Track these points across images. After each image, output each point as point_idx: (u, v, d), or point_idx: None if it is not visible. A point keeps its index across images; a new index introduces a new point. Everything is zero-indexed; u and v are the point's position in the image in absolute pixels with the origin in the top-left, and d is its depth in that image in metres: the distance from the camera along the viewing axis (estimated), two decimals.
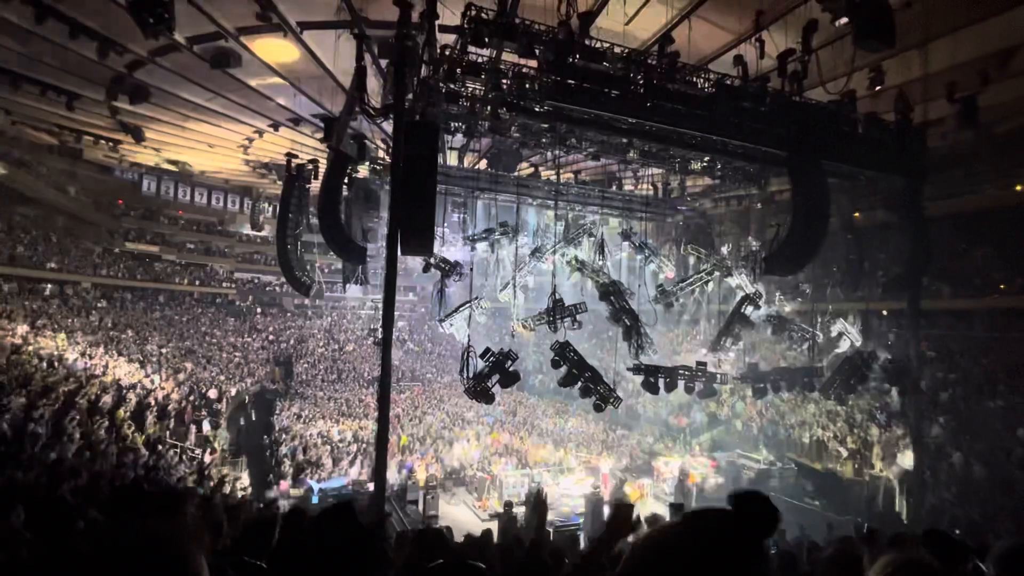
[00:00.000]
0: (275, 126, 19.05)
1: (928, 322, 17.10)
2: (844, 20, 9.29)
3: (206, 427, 18.31)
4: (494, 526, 11.75)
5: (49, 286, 25.57)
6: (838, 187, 13.75)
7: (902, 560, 1.50)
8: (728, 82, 11.65)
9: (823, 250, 12.58)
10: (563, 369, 13.79)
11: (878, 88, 12.39)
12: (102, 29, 12.21)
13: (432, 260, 15.04)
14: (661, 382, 14.53)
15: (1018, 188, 19.08)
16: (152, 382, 19.48)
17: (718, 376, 15.22)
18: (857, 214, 16.24)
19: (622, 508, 1.77)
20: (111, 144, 22.37)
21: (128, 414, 15.37)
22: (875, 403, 17.64)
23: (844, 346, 16.15)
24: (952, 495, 13.96)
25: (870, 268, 17.27)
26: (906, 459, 14.75)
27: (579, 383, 13.66)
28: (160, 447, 14.55)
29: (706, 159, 14.23)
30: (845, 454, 17.05)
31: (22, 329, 19.03)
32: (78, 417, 13.18)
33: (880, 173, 13.66)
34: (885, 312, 19.77)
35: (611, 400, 13.72)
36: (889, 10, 8.72)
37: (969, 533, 11.05)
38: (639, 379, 14.83)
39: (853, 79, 10.97)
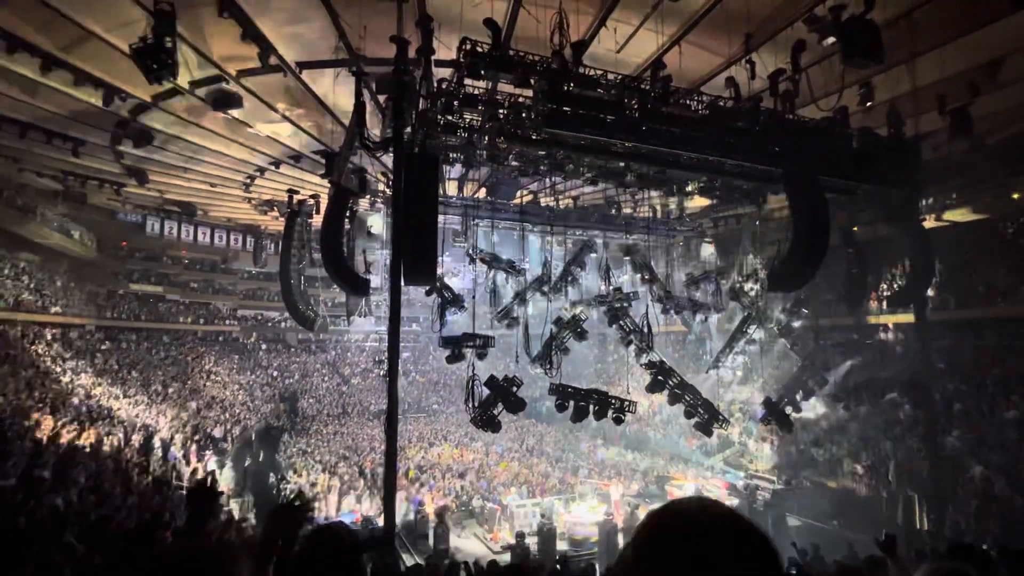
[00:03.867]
0: (276, 163, 19.33)
1: (936, 334, 16.96)
2: (831, 40, 9.51)
3: (211, 465, 18.10)
4: (506, 558, 11.50)
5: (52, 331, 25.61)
6: (836, 202, 13.84)
7: (947, 570, 1.46)
8: (721, 103, 11.84)
9: (825, 265, 12.60)
10: (570, 406, 13.89)
11: (869, 104, 12.57)
12: (106, 76, 12.52)
13: (437, 285, 15.12)
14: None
15: (1015, 196, 19.16)
16: (157, 422, 19.35)
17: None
18: (856, 228, 16.29)
19: None
20: (115, 187, 22.69)
21: (133, 455, 15.22)
22: (888, 417, 17.39)
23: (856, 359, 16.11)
24: (973, 509, 13.64)
25: (873, 282, 17.24)
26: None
27: (590, 410, 13.69)
28: (166, 488, 14.36)
29: (703, 179, 14.36)
30: (860, 471, 16.75)
31: (28, 374, 18.99)
32: (82, 461, 13.07)
33: (877, 186, 13.76)
34: (891, 325, 19.66)
35: (627, 408, 13.85)
36: (875, 28, 8.92)
37: (994, 547, 10.77)
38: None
39: (844, 95, 11.15)
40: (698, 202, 19.30)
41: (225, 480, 18.08)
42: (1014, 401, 15.79)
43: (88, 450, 14.09)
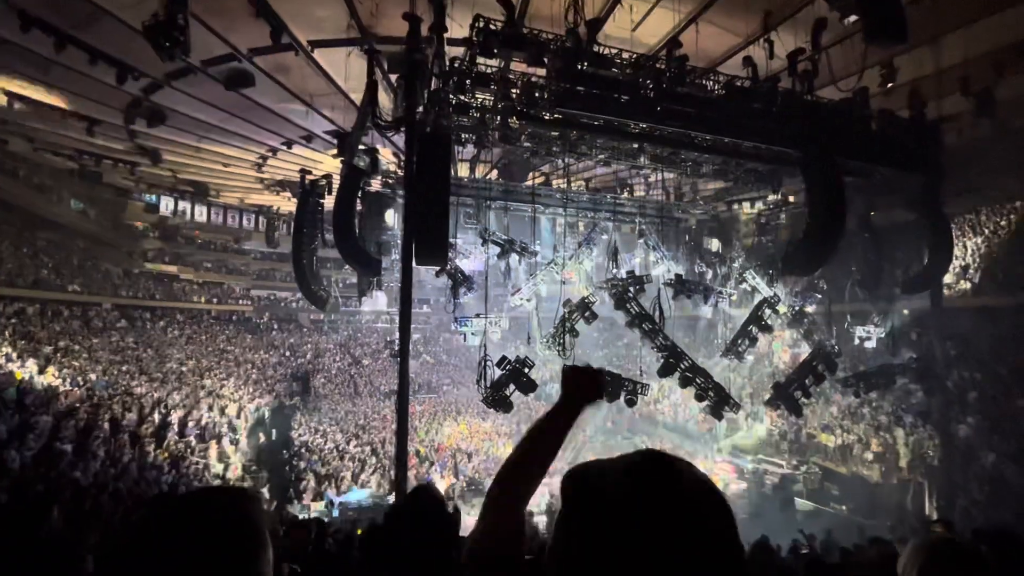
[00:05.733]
0: (288, 144, 19.34)
1: (951, 320, 16.75)
2: (854, 18, 9.24)
3: (226, 443, 18.43)
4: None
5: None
6: (854, 186, 13.60)
7: (934, 542, 1.45)
8: (738, 84, 11.62)
9: (840, 250, 12.44)
10: None
11: (890, 85, 12.26)
12: (120, 54, 12.53)
13: (448, 268, 15.13)
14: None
15: None
16: (172, 399, 19.70)
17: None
18: (873, 213, 16.03)
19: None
20: (129, 167, 22.87)
21: (150, 431, 15.54)
22: (901, 404, 17.29)
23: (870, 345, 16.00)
24: (984, 496, 13.59)
25: (889, 267, 17.02)
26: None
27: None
28: (181, 464, 14.68)
29: (718, 162, 14.17)
30: (871, 457, 16.72)
31: (47, 350, 19.38)
32: (101, 436, 13.38)
33: (896, 170, 13.50)
34: (907, 311, 19.44)
35: (640, 390, 13.93)
36: (900, 6, 8.65)
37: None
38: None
39: (865, 76, 10.89)
40: (712, 185, 19.08)
41: (239, 457, 18.43)
42: None
43: (107, 426, 14.41)
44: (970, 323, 17.74)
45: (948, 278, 15.98)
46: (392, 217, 17.43)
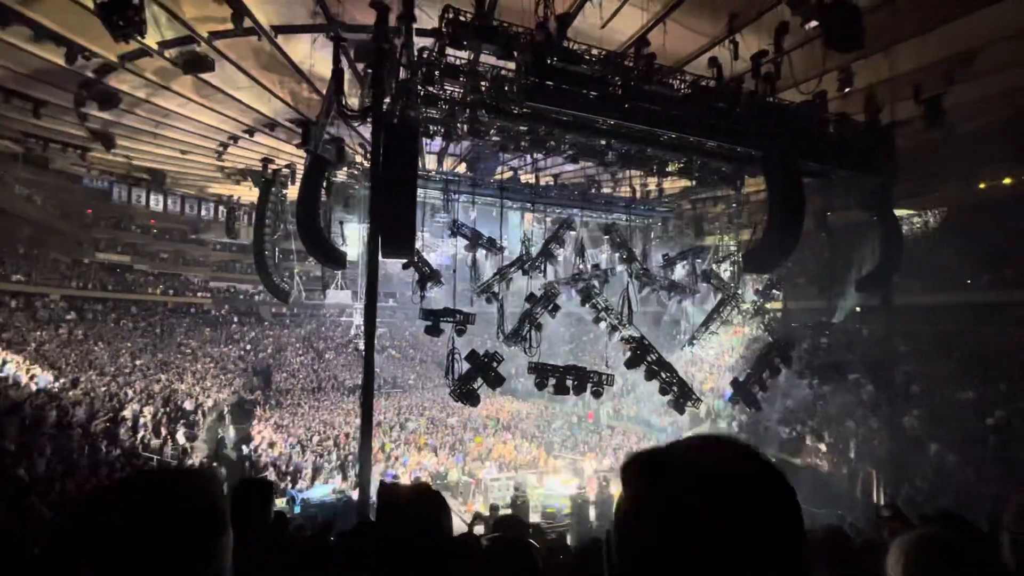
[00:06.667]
0: (250, 131, 18.77)
1: (900, 317, 17.52)
2: (814, 23, 9.52)
3: (182, 439, 17.88)
4: (480, 531, 11.66)
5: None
6: (811, 186, 14.05)
7: (923, 536, 1.46)
8: (704, 84, 11.83)
9: (799, 248, 12.83)
10: (551, 383, 14.07)
11: (847, 90, 12.68)
12: (69, 33, 11.91)
13: (415, 261, 15.01)
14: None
15: (981, 186, 19.73)
16: (126, 395, 18.99)
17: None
18: (830, 213, 16.59)
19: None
20: (80, 152, 21.80)
21: (101, 427, 14.96)
22: (852, 397, 18.00)
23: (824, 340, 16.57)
24: (928, 484, 14.29)
25: (844, 266, 17.67)
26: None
27: (570, 385, 13.94)
28: (135, 460, 14.18)
29: (683, 160, 14.42)
30: (824, 448, 17.36)
31: None
32: (48, 432, 12.81)
33: (852, 172, 13.99)
34: (859, 308, 20.22)
35: (605, 381, 14.11)
36: (858, 13, 8.95)
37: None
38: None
39: (824, 80, 11.23)
40: (677, 183, 19.41)
41: (197, 454, 17.92)
42: (970, 383, 16.49)
43: (54, 422, 13.80)
44: (917, 320, 18.59)
45: (898, 276, 16.67)
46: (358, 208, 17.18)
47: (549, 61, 10.33)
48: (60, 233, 29.79)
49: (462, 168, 18.88)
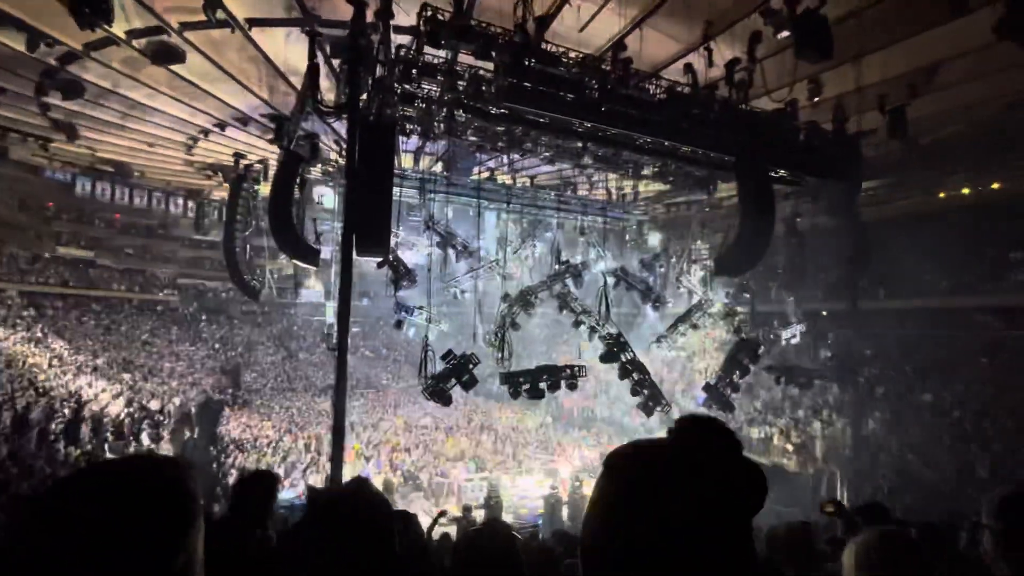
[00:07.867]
0: (221, 126, 18.35)
1: (866, 322, 18.04)
2: (786, 33, 9.76)
3: (146, 440, 17.39)
4: (452, 531, 11.61)
5: None
6: (782, 193, 14.38)
7: (881, 535, 1.56)
8: (679, 89, 12.00)
9: (769, 253, 13.12)
10: (525, 389, 14.10)
11: (817, 99, 13.02)
12: (30, 18, 11.48)
13: (390, 260, 14.86)
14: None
15: (941, 196, 20.44)
16: (87, 395, 18.38)
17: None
18: (799, 219, 17.00)
19: None
20: (41, 142, 21.02)
21: (60, 428, 14.45)
22: (818, 399, 18.47)
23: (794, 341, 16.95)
24: (889, 483, 14.75)
25: (812, 271, 18.13)
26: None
27: (543, 386, 13.99)
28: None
29: (658, 164, 14.60)
30: (791, 448, 17.77)
31: None
32: (3, 433, 12.33)
33: (820, 179, 14.35)
34: (825, 313, 20.76)
35: (577, 375, 14.22)
36: (827, 25, 9.21)
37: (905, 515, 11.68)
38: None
39: (795, 89, 11.51)
40: (652, 187, 19.64)
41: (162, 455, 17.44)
42: (929, 385, 17.09)
43: (10, 421, 13.29)
44: (881, 324, 19.17)
45: (864, 282, 17.16)
46: (332, 200, 16.95)
47: (527, 62, 10.35)
48: (18, 227, 28.68)
49: (438, 168, 18.79)
